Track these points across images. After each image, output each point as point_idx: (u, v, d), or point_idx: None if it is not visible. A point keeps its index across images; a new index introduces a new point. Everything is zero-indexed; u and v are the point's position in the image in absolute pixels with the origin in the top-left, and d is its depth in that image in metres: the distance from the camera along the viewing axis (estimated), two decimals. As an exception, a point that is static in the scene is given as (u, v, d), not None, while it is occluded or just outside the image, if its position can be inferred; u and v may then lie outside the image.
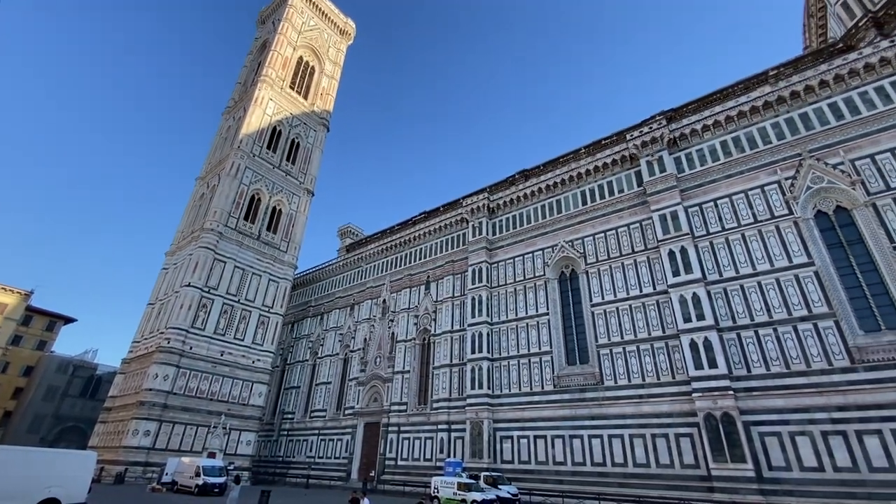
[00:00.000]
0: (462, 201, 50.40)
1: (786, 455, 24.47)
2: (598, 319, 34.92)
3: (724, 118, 33.96)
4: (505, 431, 36.14)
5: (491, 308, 42.03)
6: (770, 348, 26.87)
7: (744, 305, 28.62)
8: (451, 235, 50.74)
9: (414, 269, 52.75)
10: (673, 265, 31.73)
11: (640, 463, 29.02)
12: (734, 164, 32.71)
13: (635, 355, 31.97)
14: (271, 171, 61.05)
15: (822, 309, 26.06)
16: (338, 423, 51.12)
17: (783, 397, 25.43)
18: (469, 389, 38.93)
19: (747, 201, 31.10)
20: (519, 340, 38.95)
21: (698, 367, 28.08)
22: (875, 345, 24.04)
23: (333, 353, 57.29)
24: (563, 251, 39.41)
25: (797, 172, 29.52)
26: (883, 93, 28.30)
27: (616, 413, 31.13)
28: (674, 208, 33.49)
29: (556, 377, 35.30)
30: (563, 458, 32.29)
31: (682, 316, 29.87)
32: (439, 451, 39.62)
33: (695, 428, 27.48)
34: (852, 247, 26.83)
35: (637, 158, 37.51)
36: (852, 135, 28.49)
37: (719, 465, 25.51)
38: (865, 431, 22.90)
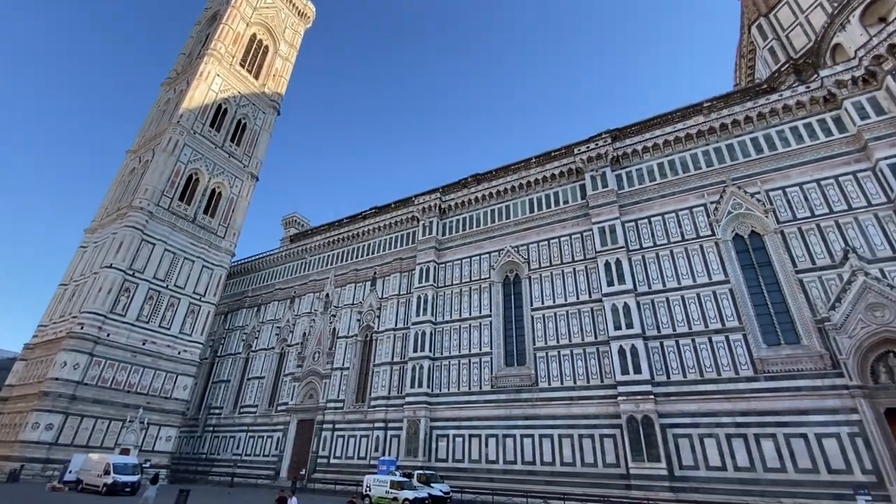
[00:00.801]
0: (414, 199, 50.30)
1: (695, 455, 26.71)
2: (537, 323, 36.24)
3: (662, 142, 36.51)
4: (441, 430, 36.53)
5: (436, 308, 42.31)
6: (688, 357, 29.24)
7: (668, 316, 30.93)
8: (401, 233, 50.48)
9: (360, 265, 51.88)
10: (608, 276, 33.61)
11: (566, 462, 30.46)
12: (668, 185, 35.25)
13: (569, 359, 33.52)
14: (213, 151, 57.45)
15: (734, 323, 28.75)
16: (269, 419, 49.15)
17: (696, 402, 27.76)
18: (409, 388, 38.95)
19: (677, 221, 33.64)
20: (461, 341, 39.53)
21: (625, 372, 29.96)
22: (775, 357, 26.88)
23: (269, 346, 55.02)
24: (508, 256, 40.50)
25: (721, 198, 32.37)
26: (796, 132, 31.72)
27: (548, 414, 32.47)
28: (612, 222, 35.49)
29: (493, 378, 36.19)
30: (495, 456, 33.17)
31: (613, 324, 31.73)
32: (374, 450, 39.28)
33: (618, 429, 29.28)
34: (762, 268, 29.81)
35: (582, 172, 39.36)
36: (768, 168, 31.70)
37: (637, 464, 27.37)
38: (762, 435, 25.53)
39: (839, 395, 24.46)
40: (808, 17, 40.40)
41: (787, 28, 42.20)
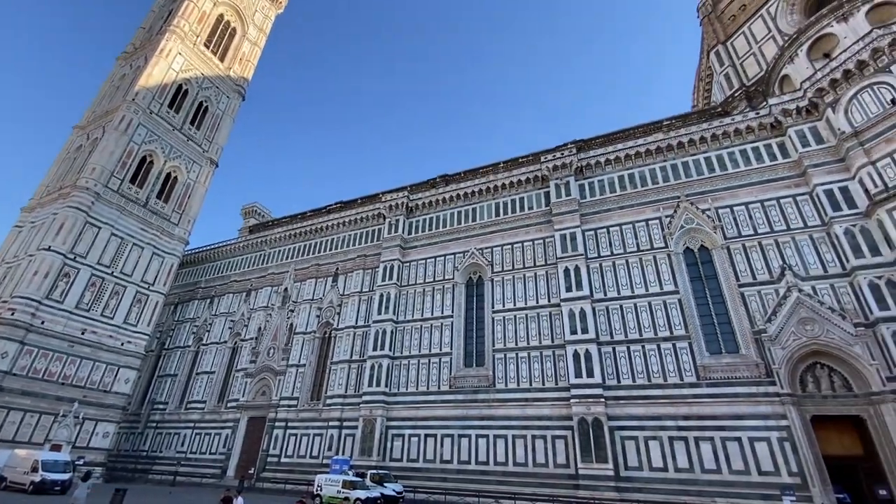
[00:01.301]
0: (381, 196, 49.86)
1: (639, 457, 27.96)
2: (497, 325, 36.83)
3: (623, 156, 38.00)
4: (397, 430, 36.39)
5: (398, 306, 42.12)
6: (637, 362, 30.57)
7: (621, 323, 32.22)
8: (366, 229, 49.90)
9: (323, 260, 50.88)
10: (567, 281, 34.63)
11: (519, 462, 31.11)
12: (627, 197, 36.73)
13: (526, 361, 34.27)
14: (170, 133, 54.57)
15: (681, 332, 30.32)
16: (218, 416, 47.29)
17: (643, 406, 29.07)
18: (366, 387, 38.56)
19: (634, 232, 35.11)
20: (422, 340, 39.56)
21: (578, 375, 30.96)
22: (716, 365, 28.56)
23: (221, 340, 52.93)
24: (473, 258, 40.91)
25: (675, 212, 34.07)
26: (745, 155, 33.85)
27: (503, 414, 33.05)
28: (573, 230, 36.59)
29: (452, 378, 36.45)
30: (450, 456, 33.41)
31: (570, 328, 32.72)
32: (328, 449, 38.61)
33: (569, 431, 30.20)
34: (709, 281, 31.61)
35: (548, 180, 40.35)
36: (719, 187, 33.66)
37: (586, 464, 28.35)
38: (702, 438, 27.06)
39: (771, 402, 26.29)
40: (761, 48, 43.17)
41: (741, 56, 44.90)
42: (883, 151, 27.48)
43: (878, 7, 31.32)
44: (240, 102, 65.01)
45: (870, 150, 28.09)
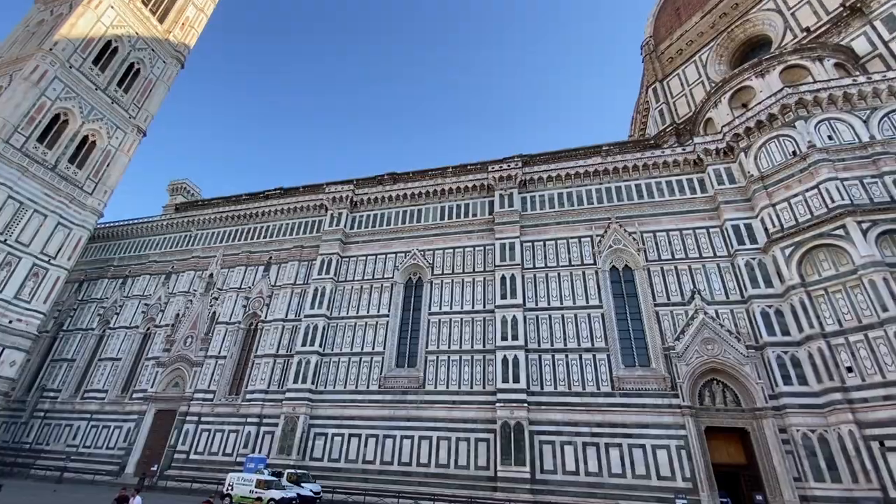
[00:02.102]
0: (325, 187, 48.46)
1: (555, 460, 29.43)
2: (433, 328, 37.13)
3: (564, 174, 40.02)
4: (321, 428, 35.42)
5: (333, 302, 41.07)
6: (560, 371, 32.21)
7: (549, 332, 33.80)
8: (306, 220, 48.22)
9: (255, 247, 48.41)
10: (503, 289, 35.75)
11: (441, 464, 31.50)
12: (564, 214, 38.70)
13: (457, 364, 34.85)
14: (92, 93, 49.30)
15: (601, 344, 32.39)
16: (121, 407, 43.24)
17: (562, 412, 30.66)
18: (291, 383, 37.16)
19: (567, 247, 37.03)
20: (354, 338, 38.86)
21: (505, 380, 32.03)
22: (630, 377, 30.82)
23: (132, 324, 48.54)
24: (414, 258, 40.95)
25: (605, 232, 36.42)
26: (670, 186, 36.97)
27: (430, 416, 33.32)
28: (512, 240, 37.89)
29: (382, 378, 36.16)
30: (373, 457, 33.08)
31: (502, 334, 33.79)
32: (244, 447, 36.64)
33: (492, 434, 31.12)
34: (629, 299, 34.06)
35: (493, 190, 41.47)
36: (645, 213, 36.47)
37: (505, 467, 29.34)
38: (611, 444, 29.02)
39: (673, 413, 28.82)
40: (691, 91, 47.54)
41: (675, 96, 49.14)
42: (782, 196, 31.27)
43: (790, 68, 35.65)
44: (178, 70, 60.24)
45: (772, 193, 31.85)
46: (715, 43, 47.38)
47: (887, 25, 34.10)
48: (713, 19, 47.92)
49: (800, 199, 30.26)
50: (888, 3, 34.22)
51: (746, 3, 45.38)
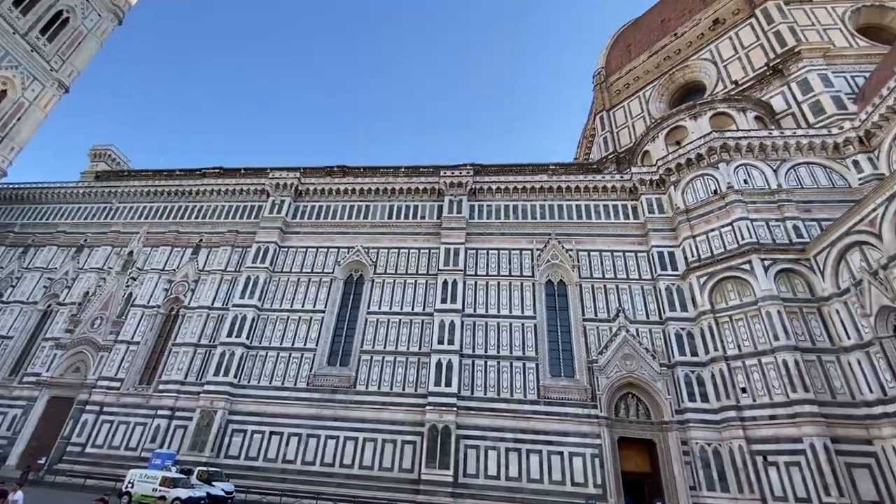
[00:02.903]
0: (268, 172, 46.35)
1: (478, 465, 30.05)
2: (370, 327, 36.63)
3: (512, 187, 41.34)
4: (240, 425, 33.60)
5: (266, 293, 39.24)
6: (491, 377, 33.04)
7: (483, 339, 34.59)
8: (245, 204, 45.81)
9: (185, 227, 45.19)
10: (444, 293, 36.12)
11: (365, 465, 31.05)
12: (509, 226, 39.93)
13: (391, 365, 34.62)
14: (9, 37, 43.70)
15: (532, 354, 33.67)
16: (7, 391, 38.37)
17: (489, 417, 31.42)
18: (212, 375, 34.95)
19: (509, 258, 38.20)
20: (286, 333, 37.36)
21: (438, 384, 32.30)
22: (555, 386, 32.28)
23: (30, 300, 43.36)
24: (358, 255, 40.23)
25: (545, 247, 38.03)
26: (607, 210, 39.37)
27: (358, 417, 32.77)
28: (458, 246, 38.46)
29: (312, 375, 35.05)
30: (294, 456, 31.92)
31: (438, 338, 34.09)
32: (151, 441, 33.85)
33: (419, 437, 31.18)
34: (561, 312, 35.74)
35: (443, 194, 41.88)
36: (582, 232, 38.55)
37: (429, 470, 29.50)
38: (532, 451, 30.15)
39: (591, 423, 30.53)
40: (634, 123, 51.06)
41: (619, 126, 52.52)
42: (702, 229, 34.39)
43: (718, 115, 39.41)
44: (114, 26, 55.03)
45: (693, 226, 34.93)
46: (658, 82, 51.30)
47: (801, 88, 38.75)
48: (658, 60, 51.89)
49: (716, 233, 33.46)
50: (804, 69, 38.94)
51: (687, 51, 49.65)
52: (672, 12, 54.08)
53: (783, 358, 27.04)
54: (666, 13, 55.06)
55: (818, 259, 28.81)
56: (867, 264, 25.31)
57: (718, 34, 47.56)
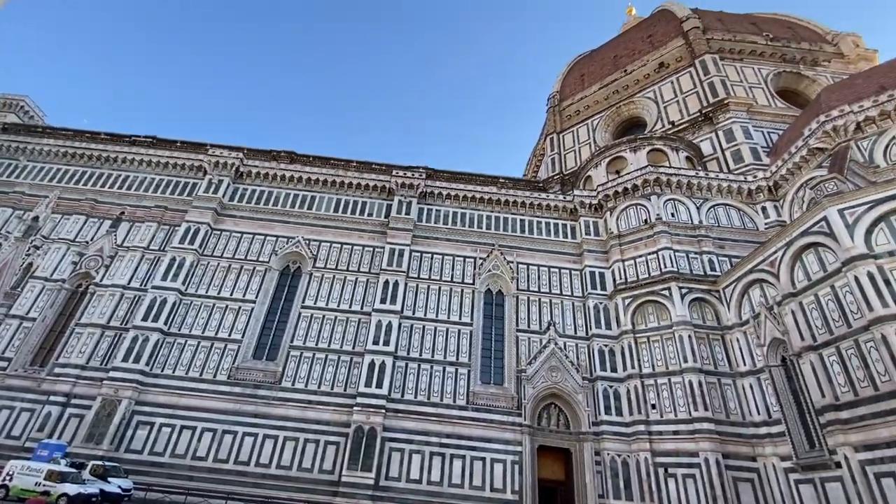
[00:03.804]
0: (208, 148, 43.52)
1: (401, 468, 29.93)
2: (303, 322, 35.39)
3: (462, 196, 42.03)
4: (147, 417, 31.00)
5: (193, 277, 36.68)
6: (423, 380, 33.17)
7: (419, 342, 34.67)
8: (178, 179, 42.66)
9: (105, 197, 41.21)
10: (384, 293, 35.79)
11: (283, 465, 29.83)
12: (455, 232, 40.50)
13: (322, 363, 33.64)
14: None
15: (465, 360, 34.25)
16: None
17: (416, 421, 31.47)
18: (120, 360, 31.99)
19: (452, 264, 38.70)
20: (210, 321, 35.10)
21: (368, 384, 31.84)
22: (484, 393, 33.03)
23: None
24: (297, 246, 38.79)
25: (488, 256, 39.00)
26: (549, 227, 41.16)
27: (281, 414, 31.46)
28: (403, 247, 38.33)
29: (234, 368, 33.18)
30: (205, 453, 29.96)
31: (374, 339, 33.67)
32: (38, 430, 30.21)
33: (344, 438, 30.52)
34: (497, 321, 36.74)
35: (394, 194, 41.61)
36: (524, 246, 39.99)
37: (351, 472, 28.93)
38: (456, 455, 30.57)
39: (514, 431, 31.54)
40: (580, 149, 53.87)
41: (566, 149, 55.18)
42: (630, 255, 36.95)
43: (655, 150, 42.64)
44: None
45: (623, 250, 37.44)
46: (605, 113, 54.59)
47: (726, 137, 42.97)
48: (608, 93, 55.26)
49: (643, 259, 36.11)
50: (730, 120, 43.22)
51: (634, 88, 53.38)
52: (625, 50, 57.94)
53: (689, 379, 29.64)
54: (619, 50, 58.89)
55: (726, 291, 31.99)
56: (765, 300, 28.50)
57: (662, 77, 51.59)
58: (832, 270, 23.82)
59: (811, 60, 48.90)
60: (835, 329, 23.30)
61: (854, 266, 22.20)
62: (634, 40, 58.39)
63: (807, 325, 24.91)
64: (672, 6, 57.55)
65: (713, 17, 54.64)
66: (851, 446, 21.30)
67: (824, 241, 24.22)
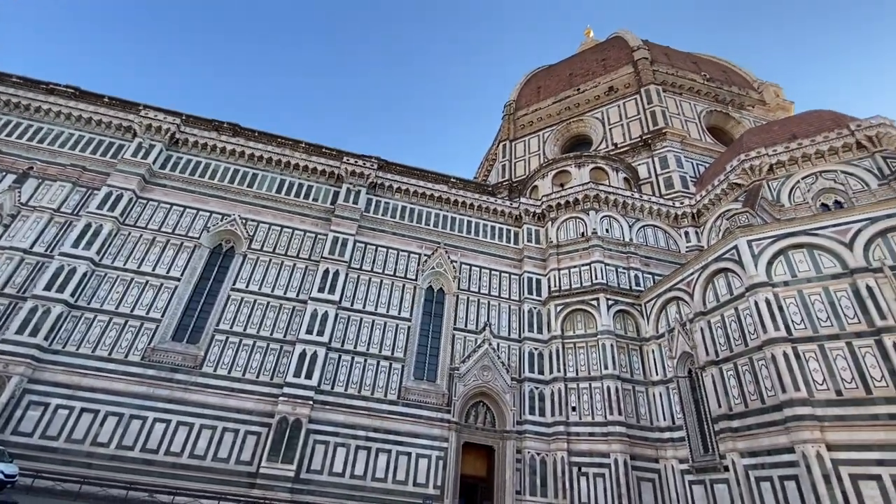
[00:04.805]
0: (141, 108, 39.94)
1: (325, 461, 29.32)
2: (232, 305, 33.54)
3: (412, 191, 41.93)
4: (41, 397, 27.87)
5: (108, 247, 33.46)
6: (355, 373, 32.72)
7: (355, 334, 34.15)
8: (102, 138, 38.74)
9: (11, 148, 36.48)
10: (323, 282, 34.82)
11: (197, 455, 28.09)
12: (402, 227, 40.31)
13: (248, 349, 32.07)
14: None
15: (400, 355, 34.24)
16: None
17: (344, 414, 30.99)
18: (13, 333, 28.46)
19: (396, 258, 38.50)
20: (126, 296, 32.20)
21: (298, 375, 30.83)
22: (416, 389, 33.22)
23: None
24: (233, 225, 36.67)
25: (433, 254, 39.24)
26: (494, 230, 42.23)
27: (199, 401, 29.61)
28: (347, 237, 37.50)
29: (150, 349, 30.70)
30: (107, 439, 27.48)
31: (308, 328, 32.65)
32: None
33: (266, 428, 29.31)
34: (436, 319, 37.08)
35: (342, 181, 40.59)
36: (468, 246, 40.73)
37: (271, 464, 27.87)
38: (382, 450, 30.47)
39: (442, 427, 32.05)
40: (530, 159, 55.75)
41: (517, 157, 56.87)
42: (566, 264, 38.86)
43: (597, 168, 45.11)
44: None
45: (560, 259, 39.29)
46: (556, 127, 56.93)
47: (661, 164, 46.41)
48: (560, 108, 57.64)
49: (577, 269, 38.13)
50: (665, 148, 46.74)
51: (585, 107, 56.16)
52: (580, 69, 60.72)
53: (608, 384, 31.76)
54: (575, 69, 61.62)
55: (647, 306, 34.61)
56: (680, 317, 31.20)
57: (611, 100, 54.68)
58: (737, 294, 26.59)
59: (739, 104, 54.14)
60: (734, 347, 26.05)
61: (755, 292, 24.93)
62: (589, 61, 61.36)
63: (712, 342, 27.65)
64: (626, 34, 61.16)
65: (660, 51, 58.78)
66: (738, 452, 23.98)
67: (734, 267, 26.97)
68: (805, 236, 25.13)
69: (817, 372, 21.92)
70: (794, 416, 21.21)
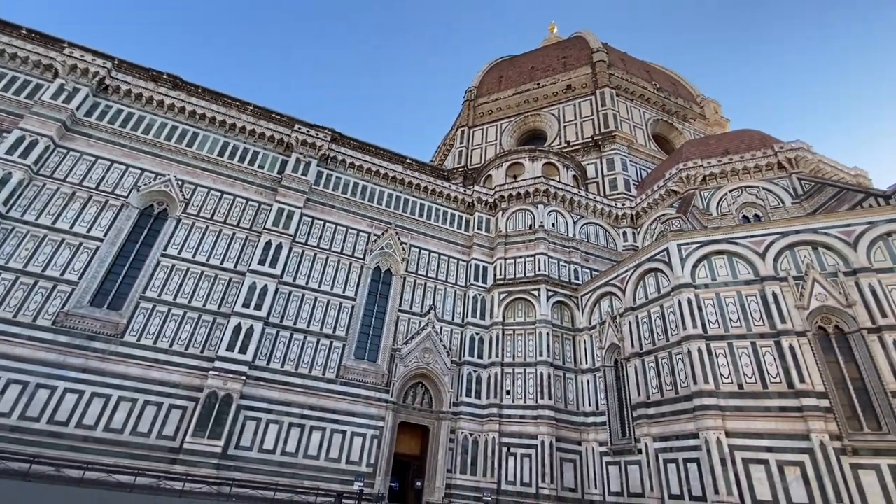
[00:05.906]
0: (64, 45, 35.65)
1: (255, 437, 28.52)
2: (161, 272, 31.30)
3: (366, 168, 40.97)
4: (-75, 359, 24.74)
5: (18, 198, 29.87)
6: (293, 350, 31.91)
7: (296, 310, 33.18)
8: (15, 74, 34.23)
9: None
10: (264, 254, 33.37)
11: (114, 428, 26.28)
12: (352, 204, 39.39)
13: (178, 320, 30.20)
14: None
15: (342, 334, 33.79)
16: None
17: (279, 391, 30.23)
18: None
19: (345, 235, 37.65)
20: (37, 255, 29.01)
21: (231, 349, 29.53)
22: (356, 368, 33.04)
23: None
24: (168, 186, 33.99)
25: (383, 234, 38.80)
26: (446, 215, 42.41)
27: (119, 372, 27.58)
28: (294, 209, 36.05)
29: (63, 314, 28.00)
30: (8, 409, 24.87)
31: (244, 301, 31.25)
32: None
33: (193, 403, 27.92)
34: (381, 299, 36.87)
35: (292, 150, 38.80)
36: (419, 229, 40.68)
37: (196, 439, 26.68)
38: (316, 427, 30.15)
39: (379, 407, 32.23)
40: (486, 147, 56.26)
41: (474, 145, 57.16)
42: (512, 254, 39.97)
43: (549, 164, 46.44)
44: None
45: (507, 249, 40.33)
46: (514, 119, 57.72)
47: (608, 165, 48.57)
48: (519, 100, 58.41)
49: (522, 260, 39.34)
50: (613, 151, 48.94)
51: (542, 102, 57.33)
52: (541, 64, 61.66)
53: (541, 371, 33.35)
54: (537, 63, 62.48)
55: (583, 299, 36.50)
56: (611, 311, 33.22)
57: (569, 98, 56.18)
58: (664, 293, 28.70)
59: (682, 115, 57.62)
60: (657, 341, 28.22)
61: (680, 292, 27.03)
62: (551, 57, 62.45)
63: (638, 335, 29.76)
64: (588, 35, 62.76)
65: (618, 56, 61.00)
66: (652, 437, 26.24)
67: (663, 268, 29.03)
68: (727, 244, 27.48)
69: (725, 367, 24.32)
70: (702, 405, 23.47)
